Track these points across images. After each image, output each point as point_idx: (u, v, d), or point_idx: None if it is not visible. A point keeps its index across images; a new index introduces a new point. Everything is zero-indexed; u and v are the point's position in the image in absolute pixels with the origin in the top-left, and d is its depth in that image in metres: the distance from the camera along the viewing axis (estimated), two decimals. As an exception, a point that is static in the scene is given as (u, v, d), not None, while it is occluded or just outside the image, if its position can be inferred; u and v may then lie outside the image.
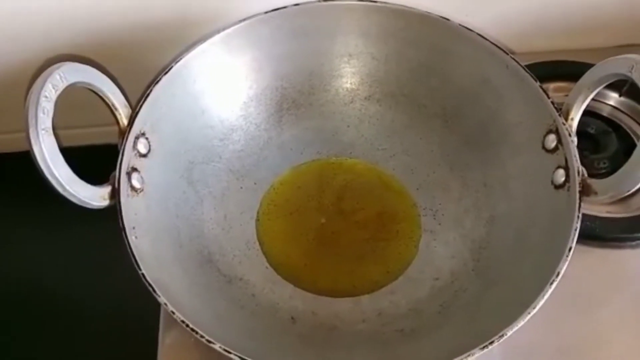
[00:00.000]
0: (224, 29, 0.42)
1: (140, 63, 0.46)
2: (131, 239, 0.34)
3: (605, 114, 0.48)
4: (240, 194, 0.44)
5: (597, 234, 0.41)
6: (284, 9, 0.43)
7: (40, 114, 0.31)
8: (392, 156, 0.46)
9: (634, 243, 0.42)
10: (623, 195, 0.33)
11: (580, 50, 0.51)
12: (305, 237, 0.43)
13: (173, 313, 0.31)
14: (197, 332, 0.31)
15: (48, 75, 0.32)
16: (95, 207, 0.35)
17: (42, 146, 0.31)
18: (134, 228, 0.35)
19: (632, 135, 0.47)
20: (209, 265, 0.39)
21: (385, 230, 0.43)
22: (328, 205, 0.44)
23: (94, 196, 0.35)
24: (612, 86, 0.47)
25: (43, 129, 0.31)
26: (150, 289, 0.32)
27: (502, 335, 0.30)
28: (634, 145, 0.46)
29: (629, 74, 0.33)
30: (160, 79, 0.40)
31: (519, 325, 0.31)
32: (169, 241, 0.38)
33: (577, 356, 0.38)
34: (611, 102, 0.49)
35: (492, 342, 0.30)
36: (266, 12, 0.43)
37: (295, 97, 0.47)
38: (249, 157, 0.46)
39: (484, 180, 0.42)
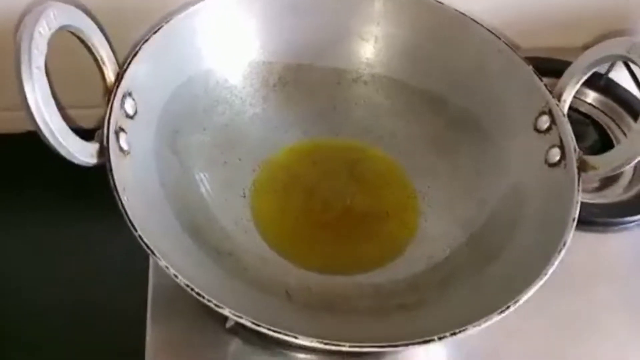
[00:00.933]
0: (218, -8, 0.40)
1: (129, 26, 0.43)
2: (123, 199, 0.31)
3: (582, 110, 0.50)
4: (225, 169, 0.42)
5: (583, 218, 0.42)
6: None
7: (35, 50, 0.28)
8: (380, 138, 0.45)
9: (617, 227, 0.44)
10: (624, 169, 0.34)
11: (560, 49, 0.53)
12: (294, 216, 0.41)
13: (176, 277, 0.29)
14: (203, 297, 0.28)
15: (42, 11, 0.29)
16: (82, 163, 0.31)
17: (35, 86, 0.27)
18: (124, 189, 0.32)
19: (608, 130, 0.49)
20: (197, 236, 0.36)
21: (374, 212, 0.42)
22: (315, 186, 0.43)
23: (83, 151, 0.31)
24: (588, 83, 0.50)
25: (37, 67, 0.28)
26: (149, 251, 0.29)
27: (517, 301, 0.30)
28: (610, 139, 0.49)
29: (626, 54, 0.35)
30: (149, 37, 0.37)
31: (532, 291, 0.31)
32: (156, 209, 0.35)
33: (567, 339, 0.39)
34: (587, 99, 0.51)
35: (508, 307, 0.30)
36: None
37: (282, 74, 0.45)
38: (233, 132, 0.43)
39: (474, 163, 0.43)
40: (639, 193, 0.47)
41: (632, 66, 0.52)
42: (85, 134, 0.33)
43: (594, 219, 0.44)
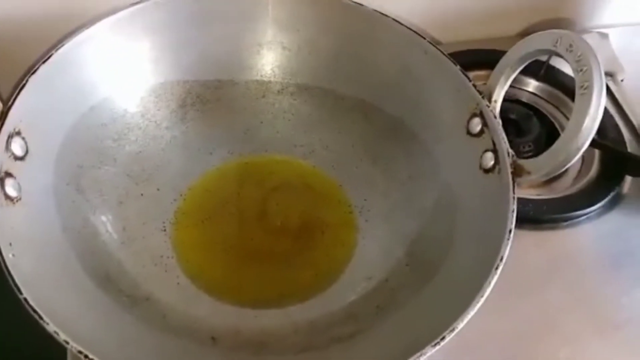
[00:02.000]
0: (113, 13, 0.37)
1: (20, 58, 0.39)
2: (7, 257, 0.28)
3: (524, 100, 0.48)
4: (142, 202, 0.39)
5: (531, 216, 0.41)
6: (182, -9, 0.39)
7: None
8: (311, 152, 0.43)
9: (566, 223, 0.42)
10: (558, 172, 0.32)
11: (490, 39, 0.51)
12: (222, 246, 0.38)
13: (67, 342, 0.25)
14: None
15: None
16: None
17: None
18: (10, 244, 0.28)
19: (552, 119, 0.48)
20: (108, 284, 0.33)
21: (310, 231, 0.39)
22: (245, 209, 0.40)
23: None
24: (528, 72, 0.48)
25: None
26: (36, 316, 0.26)
27: (453, 329, 0.28)
28: (555, 128, 0.48)
29: (553, 48, 0.33)
30: (37, 68, 0.34)
31: (469, 315, 0.28)
32: (56, 259, 0.32)
33: (527, 342, 0.37)
34: (529, 89, 0.49)
35: (443, 338, 0.27)
36: (162, -6, 0.38)
37: (200, 92, 0.42)
38: (149, 160, 0.40)
39: (409, 171, 0.40)
40: (587, 186, 0.45)
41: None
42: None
43: (542, 216, 0.43)
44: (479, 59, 0.48)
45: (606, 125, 0.48)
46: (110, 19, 0.37)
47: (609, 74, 0.52)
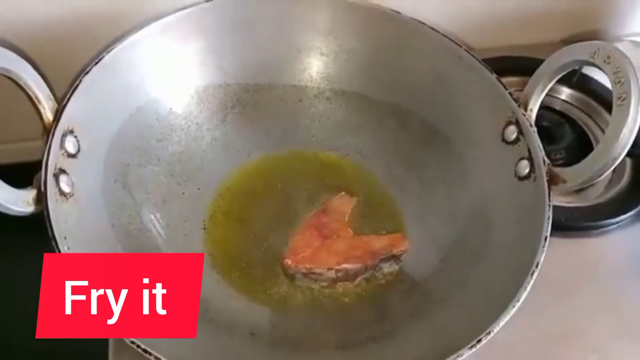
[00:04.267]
0: (162, 17, 0.38)
1: (71, 58, 0.40)
2: (63, 249, 0.29)
3: (556, 107, 0.49)
4: (183, 201, 0.40)
5: (562, 223, 0.41)
6: (228, -2, 0.40)
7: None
8: (345, 156, 0.44)
9: (598, 231, 0.42)
10: (594, 181, 0.33)
11: (528, 46, 0.51)
12: (260, 246, 0.39)
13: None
14: (150, 353, 0.26)
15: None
16: (18, 214, 0.30)
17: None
18: (65, 238, 0.30)
19: (584, 127, 0.48)
20: (153, 278, 0.34)
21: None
22: (282, 209, 0.41)
23: (16, 200, 0.29)
24: (561, 80, 0.49)
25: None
26: (89, 306, 0.27)
27: (490, 332, 0.28)
28: (586, 136, 0.48)
29: (591, 60, 0.33)
30: (90, 69, 0.35)
31: (506, 319, 0.29)
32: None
33: (557, 346, 0.37)
34: (561, 96, 0.50)
35: (480, 340, 0.28)
36: (208, 0, 0.40)
37: (240, 95, 0.43)
38: (191, 160, 0.41)
39: (443, 177, 0.41)
40: (618, 194, 0.45)
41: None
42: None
43: (574, 224, 0.43)
44: (512, 66, 0.48)
45: (639, 135, 0.48)
46: (158, 23, 0.38)
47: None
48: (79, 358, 0.42)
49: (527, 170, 0.36)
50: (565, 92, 0.50)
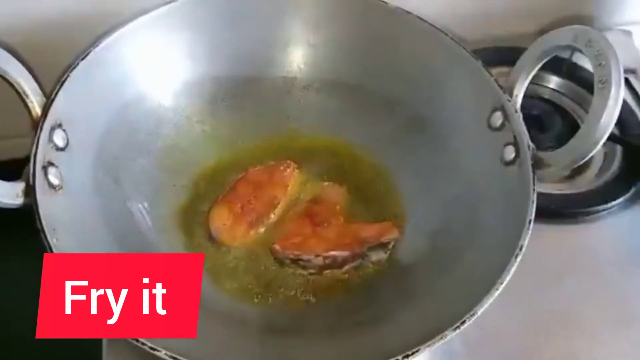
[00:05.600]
0: (153, 9, 0.39)
1: (55, 55, 0.41)
2: (52, 241, 0.29)
3: (546, 96, 0.49)
4: (175, 192, 0.40)
5: (552, 210, 0.41)
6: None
7: None
8: (336, 146, 0.44)
9: (588, 217, 0.43)
10: (577, 165, 0.33)
11: (517, 37, 0.51)
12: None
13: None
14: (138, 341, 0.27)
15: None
16: (7, 206, 0.30)
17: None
18: (54, 229, 0.30)
19: (574, 115, 0.48)
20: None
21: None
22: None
23: (6, 193, 0.30)
24: (551, 69, 0.49)
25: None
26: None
27: (474, 314, 0.29)
28: (577, 124, 0.48)
29: (573, 44, 0.33)
30: (77, 64, 0.36)
31: (489, 301, 0.29)
32: (96, 244, 0.33)
33: (546, 332, 0.38)
34: (551, 85, 0.50)
35: (464, 322, 0.28)
36: (200, -8, 0.40)
37: (230, 87, 0.44)
38: (182, 153, 0.42)
39: (433, 164, 0.41)
40: (609, 180, 0.46)
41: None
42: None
43: (564, 211, 0.43)
44: (502, 56, 0.48)
45: (628, 122, 0.48)
46: (145, 17, 0.39)
47: (631, 71, 0.52)
48: (79, 358, 0.42)
49: (512, 156, 0.36)
50: (555, 81, 0.51)
